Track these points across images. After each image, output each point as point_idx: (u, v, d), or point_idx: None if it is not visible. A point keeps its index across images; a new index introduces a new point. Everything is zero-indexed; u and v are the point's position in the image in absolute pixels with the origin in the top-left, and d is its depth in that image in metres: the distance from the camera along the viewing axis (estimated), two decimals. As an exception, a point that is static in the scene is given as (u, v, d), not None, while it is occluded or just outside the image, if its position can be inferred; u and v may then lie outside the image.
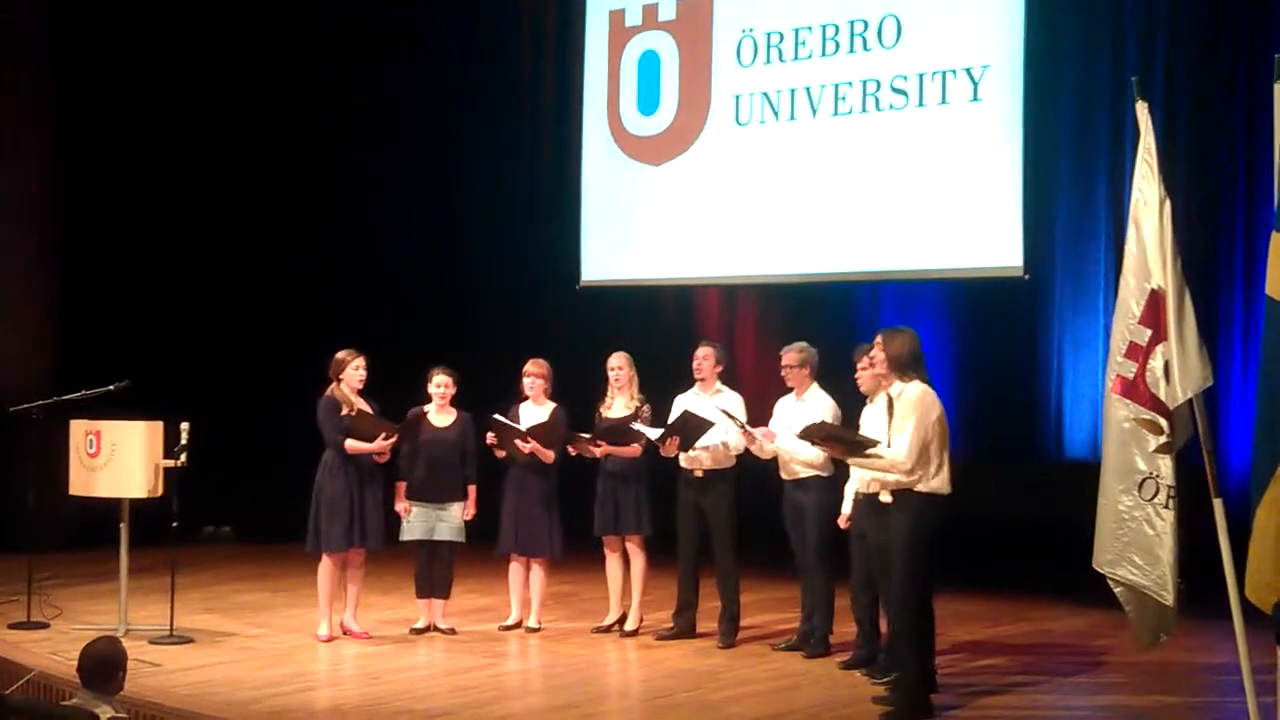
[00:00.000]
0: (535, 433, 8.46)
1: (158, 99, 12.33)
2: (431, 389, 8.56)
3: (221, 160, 12.53)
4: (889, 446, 6.71)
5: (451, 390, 8.57)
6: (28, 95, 11.99)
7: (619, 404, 8.56)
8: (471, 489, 8.51)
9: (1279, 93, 5.72)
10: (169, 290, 12.29)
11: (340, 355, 8.40)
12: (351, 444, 8.26)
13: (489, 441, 8.53)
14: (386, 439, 8.28)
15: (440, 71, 12.80)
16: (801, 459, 7.84)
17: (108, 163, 12.17)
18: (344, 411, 8.28)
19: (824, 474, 7.86)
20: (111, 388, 8.61)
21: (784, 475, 8.03)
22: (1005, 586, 9.82)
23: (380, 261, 12.75)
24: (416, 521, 8.48)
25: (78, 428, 8.48)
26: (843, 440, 7.14)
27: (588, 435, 8.48)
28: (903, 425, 6.65)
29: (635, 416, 8.41)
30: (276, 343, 12.00)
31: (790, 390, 8.11)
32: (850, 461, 7.21)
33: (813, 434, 7.23)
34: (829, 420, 7.65)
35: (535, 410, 8.64)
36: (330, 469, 8.29)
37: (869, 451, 6.82)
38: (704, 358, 8.42)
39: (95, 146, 12.14)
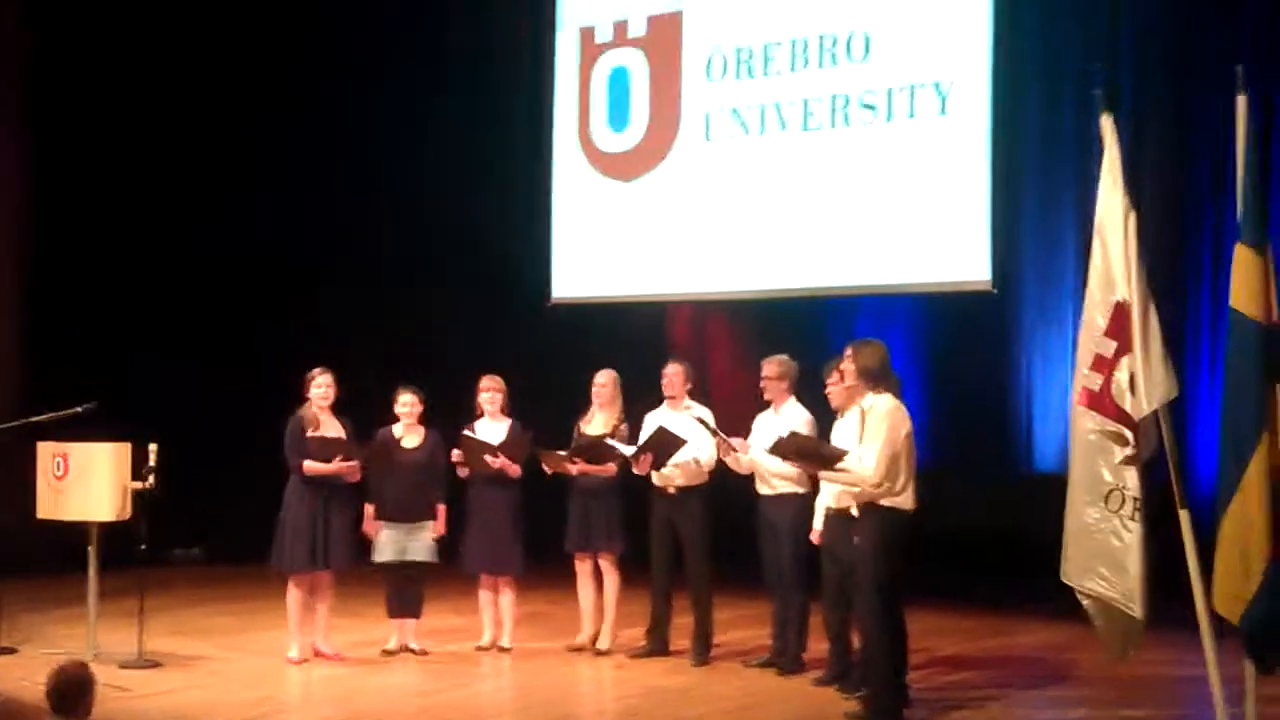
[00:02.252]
0: (504, 448, 8.44)
1: (129, 116, 12.25)
2: (398, 409, 8.53)
3: (190, 181, 12.45)
4: (859, 460, 6.73)
5: (419, 409, 8.55)
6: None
7: (599, 420, 8.56)
8: (440, 508, 8.48)
9: (1242, 105, 5.75)
10: (137, 310, 12.20)
11: (309, 373, 8.38)
12: (309, 465, 8.22)
13: (454, 459, 8.50)
14: (344, 461, 8.24)
15: (410, 87, 12.76)
16: (775, 471, 7.83)
17: (77, 181, 12.08)
18: (309, 431, 8.24)
19: (800, 490, 7.85)
20: (79, 409, 8.54)
21: (759, 490, 8.03)
22: (976, 600, 9.84)
23: (352, 278, 12.69)
24: (388, 543, 8.44)
25: (45, 450, 8.42)
26: (813, 454, 7.15)
27: (563, 453, 8.46)
28: (872, 439, 6.67)
29: (612, 434, 8.40)
30: (246, 362, 11.93)
31: (768, 405, 8.11)
32: (820, 475, 7.22)
33: (784, 448, 7.24)
34: (803, 431, 7.64)
35: (493, 426, 8.61)
36: (295, 490, 8.25)
37: (838, 465, 6.84)
38: (673, 375, 8.43)
39: (65, 164, 12.05)
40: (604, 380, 8.61)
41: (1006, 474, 10.54)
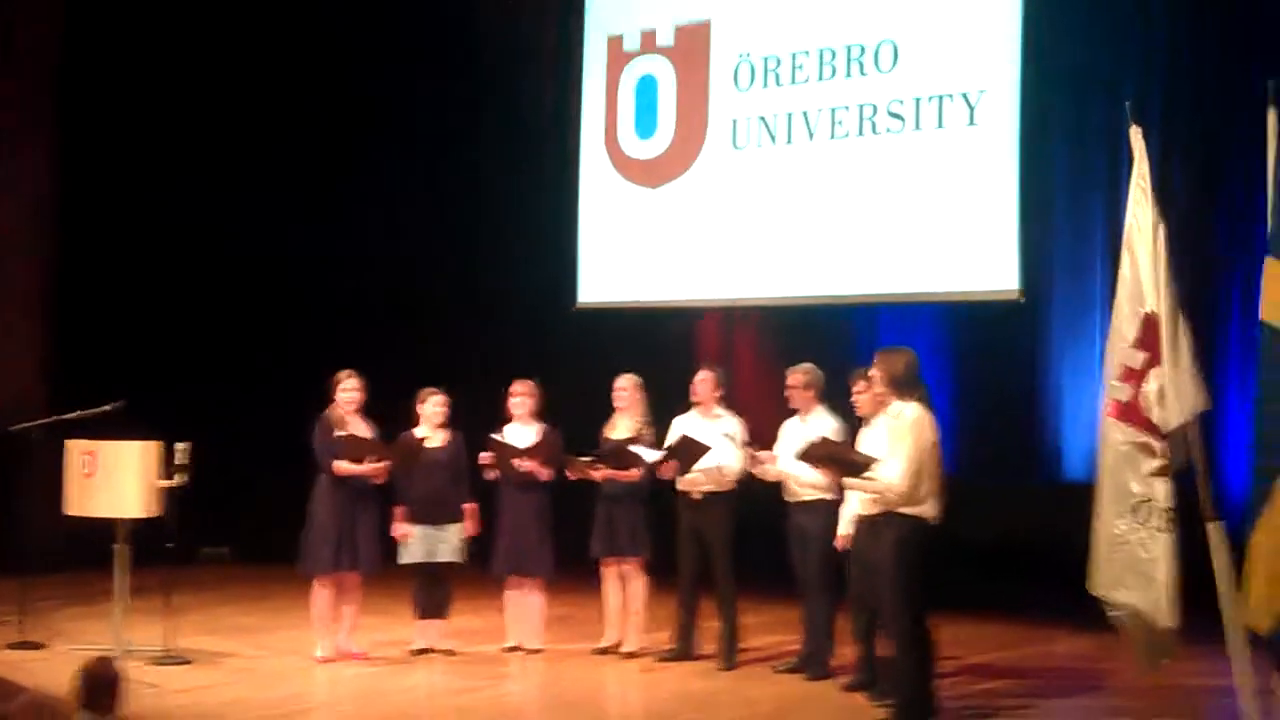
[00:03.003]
0: (533, 452, 8.47)
1: (156, 116, 12.32)
2: (424, 411, 8.56)
3: (220, 181, 12.51)
4: (884, 468, 6.74)
5: (444, 410, 8.58)
6: (26, 114, 12.00)
7: (623, 425, 8.58)
8: (469, 508, 8.51)
9: (1273, 119, 5.77)
10: (168, 309, 12.28)
11: (336, 376, 8.42)
12: (339, 465, 8.26)
13: (482, 462, 8.52)
14: (375, 462, 8.27)
15: (438, 93, 12.82)
16: (805, 481, 7.85)
17: (105, 181, 12.14)
18: (337, 432, 8.28)
19: (828, 496, 7.85)
20: (108, 408, 8.61)
21: (788, 497, 8.04)
22: (1005, 609, 9.80)
23: (380, 281, 12.75)
24: (416, 544, 8.47)
25: (74, 447, 8.46)
26: (841, 460, 7.17)
27: (587, 458, 8.49)
28: (897, 448, 6.68)
29: (636, 439, 8.42)
30: (276, 362, 12.00)
31: (794, 412, 8.13)
32: (844, 483, 7.23)
33: (811, 454, 7.25)
34: (831, 438, 7.64)
35: (523, 430, 8.64)
36: (322, 492, 8.29)
37: (865, 474, 6.86)
38: (702, 381, 8.45)
39: (92, 165, 12.13)
40: (624, 385, 8.63)
41: (1034, 483, 10.53)
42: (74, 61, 12.16)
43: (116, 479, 8.27)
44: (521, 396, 8.67)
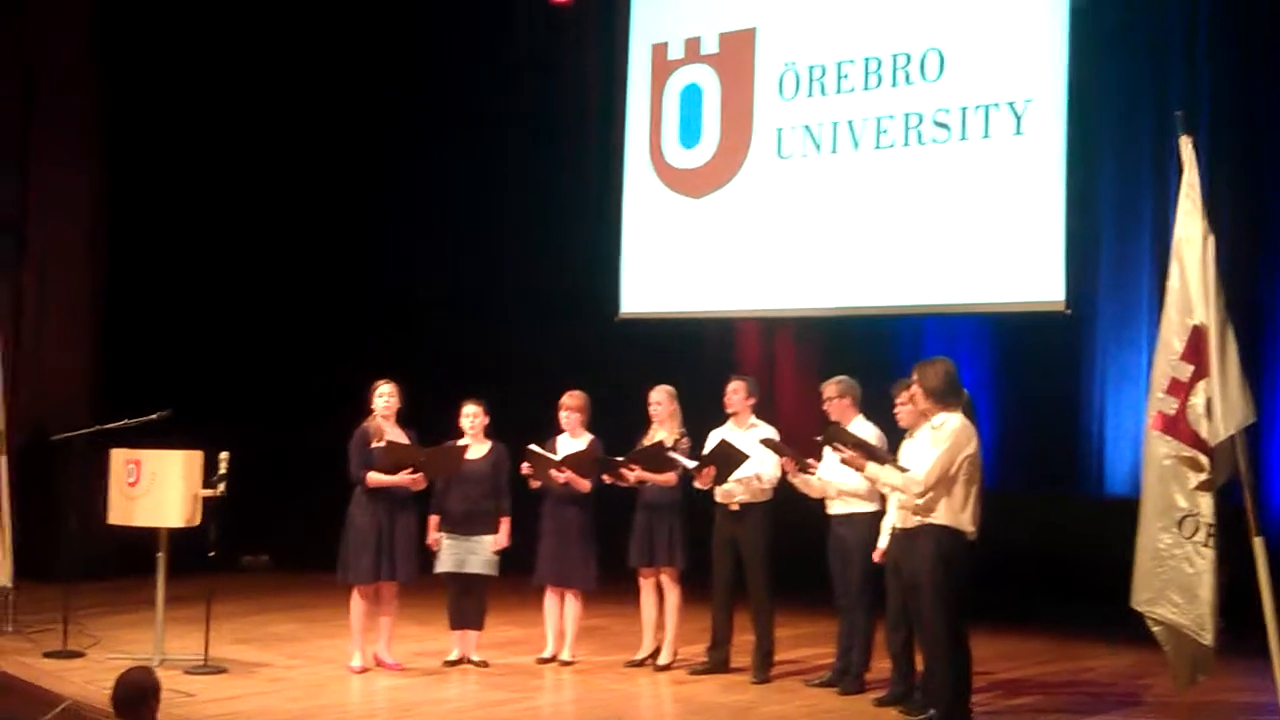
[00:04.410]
0: (570, 462, 8.44)
1: (203, 129, 12.43)
2: (463, 421, 8.55)
3: (264, 191, 12.61)
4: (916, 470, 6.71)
5: (483, 420, 8.57)
6: (74, 127, 12.13)
7: (659, 438, 8.53)
8: (504, 521, 8.48)
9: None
10: (211, 318, 12.37)
11: (374, 384, 8.43)
12: (372, 478, 8.25)
13: (524, 472, 8.51)
14: (415, 469, 8.27)
15: (482, 101, 12.85)
16: (849, 489, 7.78)
17: (152, 193, 12.26)
18: (374, 443, 8.28)
19: (869, 509, 7.79)
20: (153, 417, 8.65)
21: (829, 510, 7.98)
22: (1045, 623, 9.71)
23: (421, 291, 12.78)
24: (447, 554, 8.46)
25: (118, 457, 8.50)
26: (862, 445, 7.13)
27: (620, 459, 8.44)
28: (933, 454, 6.64)
29: (673, 446, 8.37)
30: (317, 372, 12.04)
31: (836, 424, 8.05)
32: (866, 475, 7.14)
33: (834, 435, 7.20)
34: (873, 442, 7.55)
35: (572, 442, 8.62)
36: (360, 501, 8.29)
37: (889, 468, 6.83)
38: (734, 391, 8.40)
39: (139, 177, 12.24)
40: (659, 397, 8.59)
41: (1078, 496, 10.43)
42: (121, 78, 12.27)
43: (160, 488, 8.31)
44: (569, 410, 8.65)
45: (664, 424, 8.54)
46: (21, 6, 11.89)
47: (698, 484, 8.26)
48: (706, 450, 8.27)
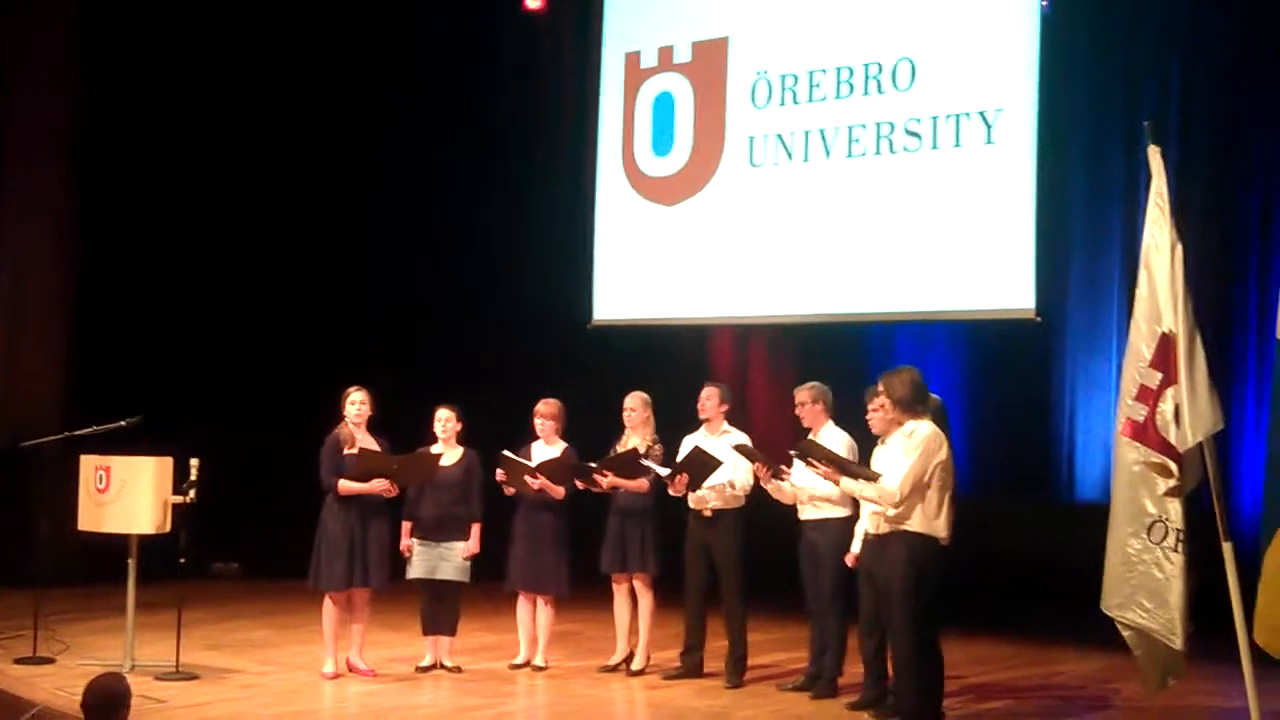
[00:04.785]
0: (544, 469, 8.44)
1: (175, 133, 12.37)
2: (436, 427, 8.55)
3: (235, 197, 12.56)
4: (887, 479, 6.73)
5: (456, 426, 8.56)
6: (46, 128, 12.06)
7: (632, 444, 8.54)
8: (475, 527, 8.47)
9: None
10: (180, 325, 12.31)
11: (345, 391, 8.42)
12: (344, 485, 8.24)
13: (498, 478, 8.51)
14: (388, 475, 8.26)
15: (455, 108, 12.84)
16: (818, 495, 7.81)
17: (122, 198, 12.18)
18: (346, 450, 8.27)
19: (841, 514, 7.82)
20: (123, 423, 8.61)
21: (801, 516, 8.01)
22: (1016, 627, 9.76)
23: (393, 297, 12.76)
24: (419, 560, 8.45)
25: (88, 463, 8.46)
26: (830, 457, 7.16)
27: (593, 464, 8.45)
28: (904, 461, 6.67)
29: (646, 453, 8.39)
30: (287, 378, 12.00)
31: (807, 431, 8.09)
32: (842, 485, 7.18)
33: (808, 450, 7.24)
34: (843, 453, 7.60)
35: (547, 450, 8.63)
36: (332, 507, 8.27)
37: (866, 479, 6.85)
38: (707, 398, 8.43)
39: (110, 181, 12.16)
40: (633, 404, 8.60)
41: (1048, 502, 10.49)
42: (94, 76, 12.20)
43: (129, 495, 8.27)
44: (544, 417, 8.65)
45: (637, 430, 8.55)
46: (-3, 7, 11.84)
47: (672, 491, 8.28)
48: (680, 456, 8.29)
